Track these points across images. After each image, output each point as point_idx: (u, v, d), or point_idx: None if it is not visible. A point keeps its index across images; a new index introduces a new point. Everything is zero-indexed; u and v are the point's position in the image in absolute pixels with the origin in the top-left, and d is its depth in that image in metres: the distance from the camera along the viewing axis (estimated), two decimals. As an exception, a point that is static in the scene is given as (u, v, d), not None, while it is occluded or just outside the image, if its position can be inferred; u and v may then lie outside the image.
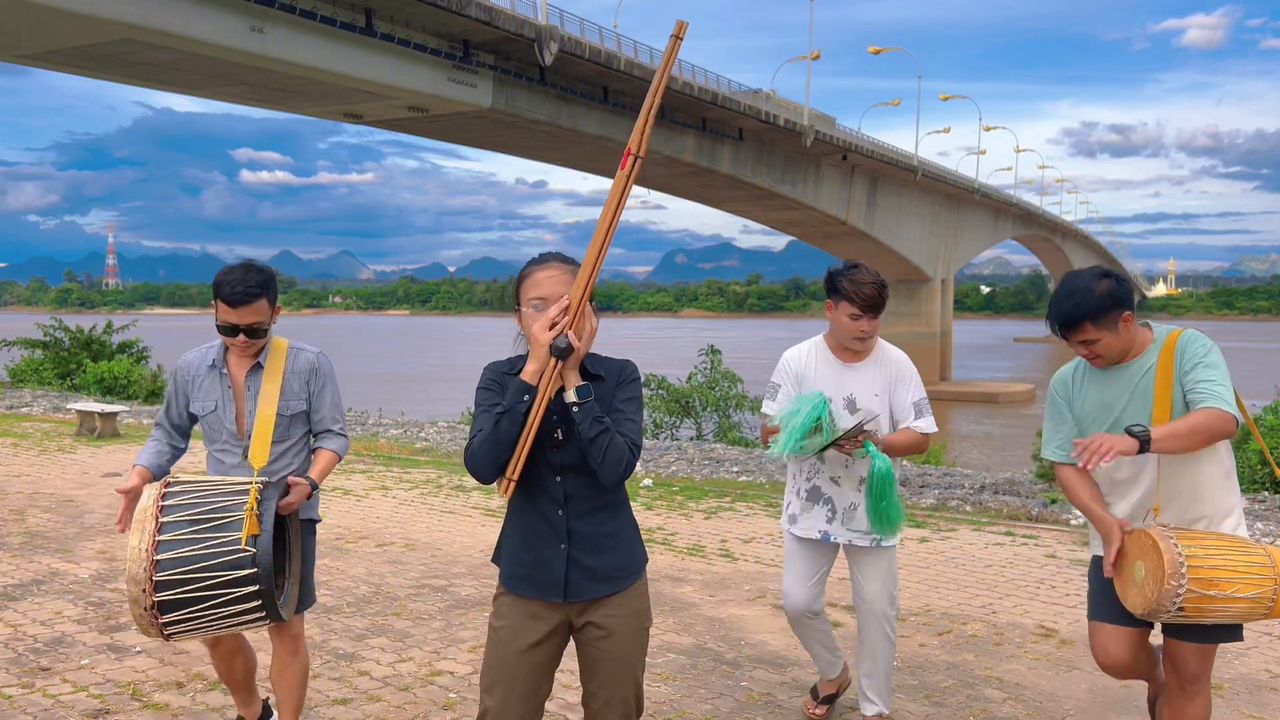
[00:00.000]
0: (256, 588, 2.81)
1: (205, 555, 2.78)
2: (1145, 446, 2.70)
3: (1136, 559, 2.80)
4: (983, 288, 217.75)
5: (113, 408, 12.99)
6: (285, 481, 3.07)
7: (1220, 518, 2.92)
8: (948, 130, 73.58)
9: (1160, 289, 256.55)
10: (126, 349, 21.85)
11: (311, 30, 27.11)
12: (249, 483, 2.94)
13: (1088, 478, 3.03)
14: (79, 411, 12.74)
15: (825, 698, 4.02)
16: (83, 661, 4.50)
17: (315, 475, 3.24)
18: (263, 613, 2.88)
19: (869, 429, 3.49)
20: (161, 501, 2.84)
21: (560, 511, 2.48)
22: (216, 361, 3.30)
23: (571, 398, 2.37)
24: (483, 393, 2.48)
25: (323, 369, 3.35)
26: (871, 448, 3.47)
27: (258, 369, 3.27)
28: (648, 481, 9.55)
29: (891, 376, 3.65)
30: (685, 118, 41.36)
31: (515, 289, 2.51)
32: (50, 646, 4.70)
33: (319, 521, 3.46)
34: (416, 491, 8.94)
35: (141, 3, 23.15)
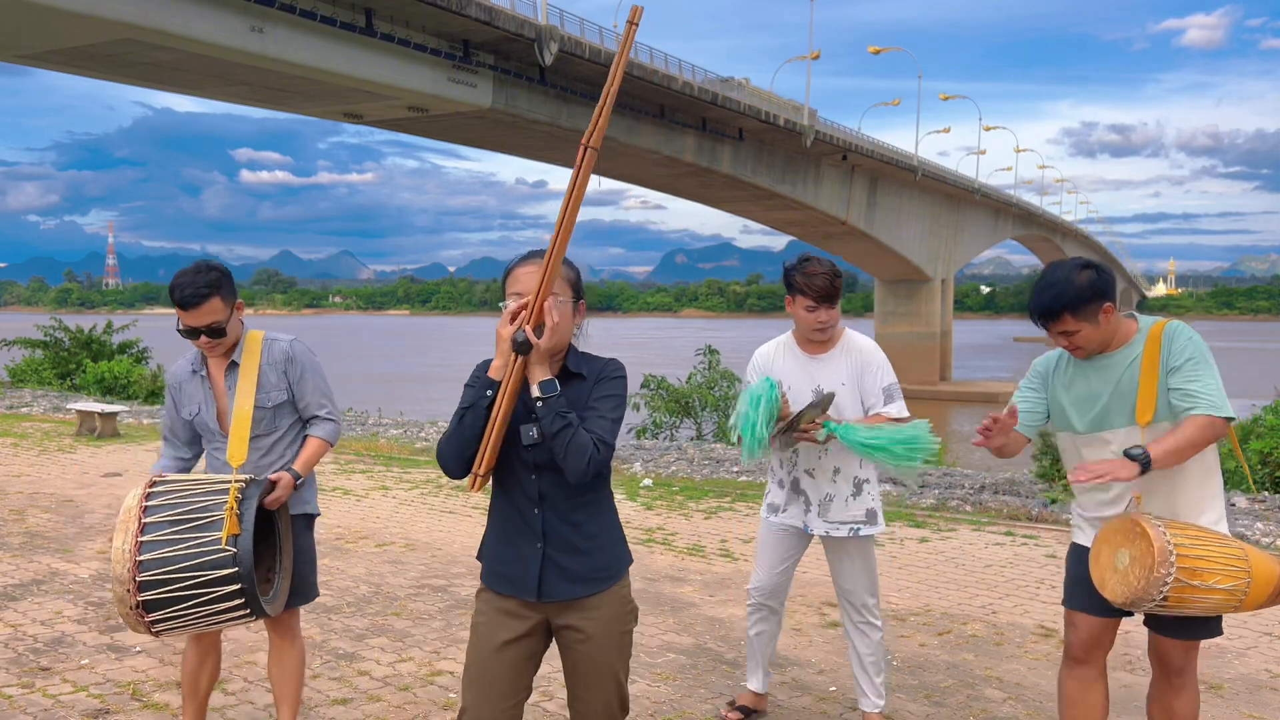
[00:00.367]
0: (239, 586, 2.84)
1: (186, 555, 2.81)
2: (1146, 468, 2.71)
3: (1120, 546, 2.77)
4: (983, 288, 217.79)
5: (113, 408, 13.00)
6: (268, 478, 3.09)
7: (1199, 511, 2.90)
8: (948, 130, 73.55)
9: (1160, 289, 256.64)
10: (126, 349, 21.83)
11: (311, 30, 27.09)
12: (230, 481, 2.97)
13: (1021, 446, 3.07)
14: (79, 411, 12.75)
15: (740, 707, 3.99)
16: (83, 661, 4.51)
17: (300, 466, 3.24)
18: (247, 610, 2.90)
19: (816, 408, 3.47)
20: (145, 502, 2.88)
21: (536, 510, 2.47)
22: (196, 366, 3.32)
23: (535, 393, 2.36)
24: (466, 389, 2.49)
25: (299, 356, 3.33)
26: (832, 425, 3.49)
27: (234, 367, 3.27)
28: (648, 481, 9.55)
29: (858, 365, 3.67)
30: (685, 118, 41.36)
31: (501, 286, 2.51)
32: (50, 646, 4.70)
33: (317, 516, 3.45)
34: (416, 491, 8.94)
35: (141, 3, 23.13)
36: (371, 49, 28.83)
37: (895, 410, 3.63)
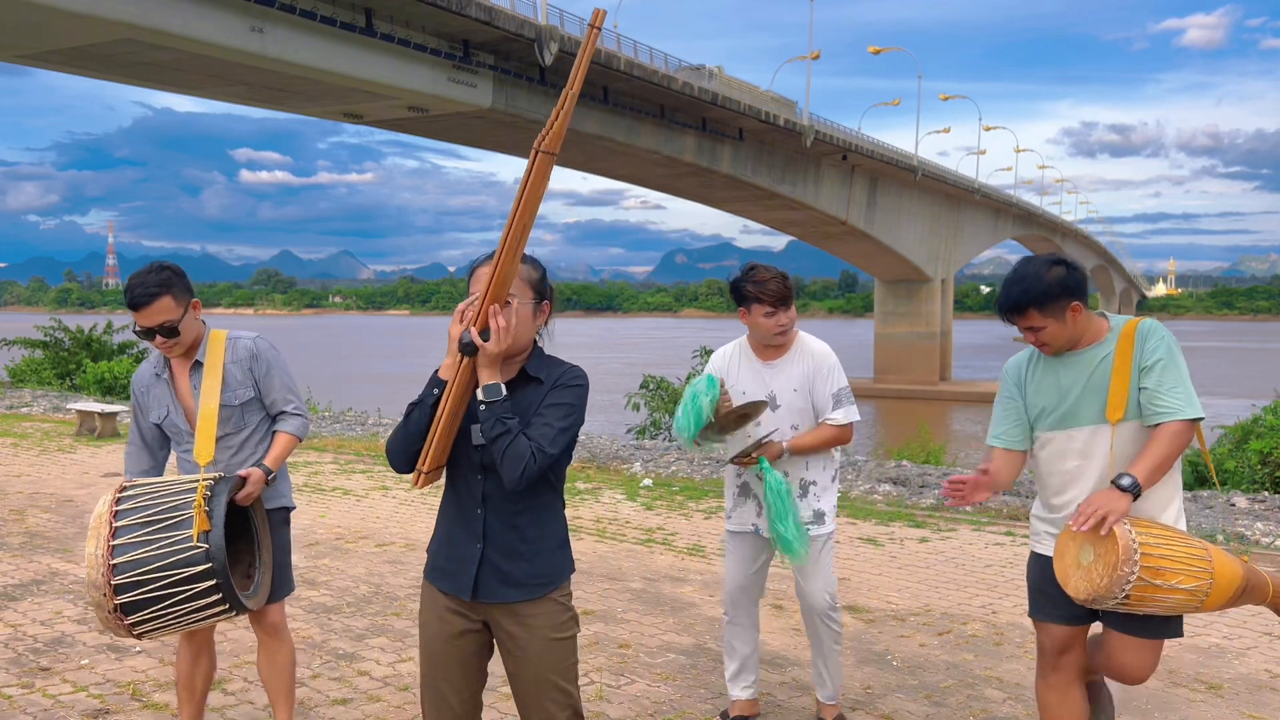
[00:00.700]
0: (214, 582, 2.85)
1: (159, 555, 2.83)
2: (1138, 495, 2.72)
3: (1085, 542, 2.75)
4: (983, 288, 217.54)
5: (112, 408, 12.99)
6: (238, 475, 3.09)
7: (1160, 509, 2.89)
8: (948, 130, 73.50)
9: (1160, 289, 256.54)
10: (126, 349, 21.85)
11: (311, 30, 27.09)
12: (198, 480, 2.98)
13: (1017, 466, 3.04)
14: (79, 411, 12.75)
15: (735, 718, 3.94)
16: (83, 661, 4.51)
17: (270, 461, 3.26)
18: (226, 605, 2.92)
19: (767, 441, 3.62)
20: (115, 507, 2.90)
21: (479, 510, 2.47)
22: (159, 369, 3.32)
23: (480, 396, 2.35)
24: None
25: (263, 353, 3.34)
26: (765, 464, 3.59)
27: (198, 366, 3.27)
28: (648, 481, 9.55)
29: (810, 370, 3.71)
30: (685, 118, 41.32)
31: (466, 283, 2.48)
32: (50, 646, 4.70)
33: (292, 509, 3.45)
34: (416, 491, 8.94)
35: (141, 3, 23.13)
36: (371, 49, 28.82)
37: (841, 416, 3.68)
